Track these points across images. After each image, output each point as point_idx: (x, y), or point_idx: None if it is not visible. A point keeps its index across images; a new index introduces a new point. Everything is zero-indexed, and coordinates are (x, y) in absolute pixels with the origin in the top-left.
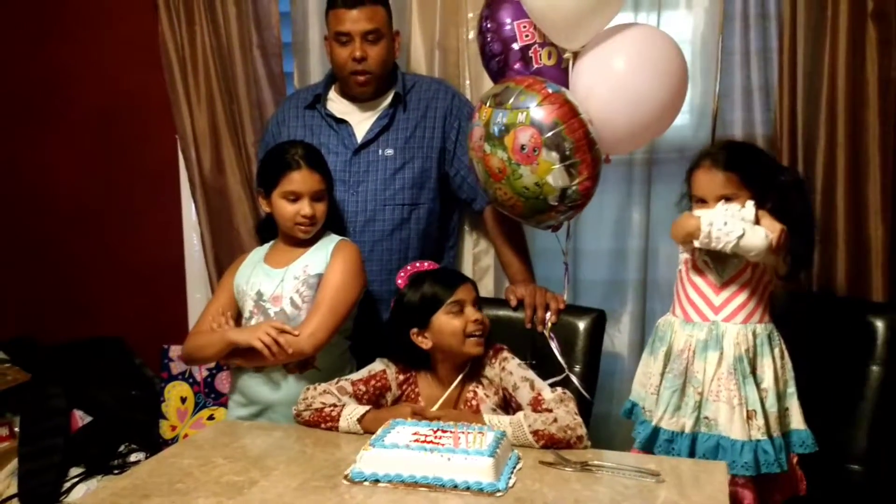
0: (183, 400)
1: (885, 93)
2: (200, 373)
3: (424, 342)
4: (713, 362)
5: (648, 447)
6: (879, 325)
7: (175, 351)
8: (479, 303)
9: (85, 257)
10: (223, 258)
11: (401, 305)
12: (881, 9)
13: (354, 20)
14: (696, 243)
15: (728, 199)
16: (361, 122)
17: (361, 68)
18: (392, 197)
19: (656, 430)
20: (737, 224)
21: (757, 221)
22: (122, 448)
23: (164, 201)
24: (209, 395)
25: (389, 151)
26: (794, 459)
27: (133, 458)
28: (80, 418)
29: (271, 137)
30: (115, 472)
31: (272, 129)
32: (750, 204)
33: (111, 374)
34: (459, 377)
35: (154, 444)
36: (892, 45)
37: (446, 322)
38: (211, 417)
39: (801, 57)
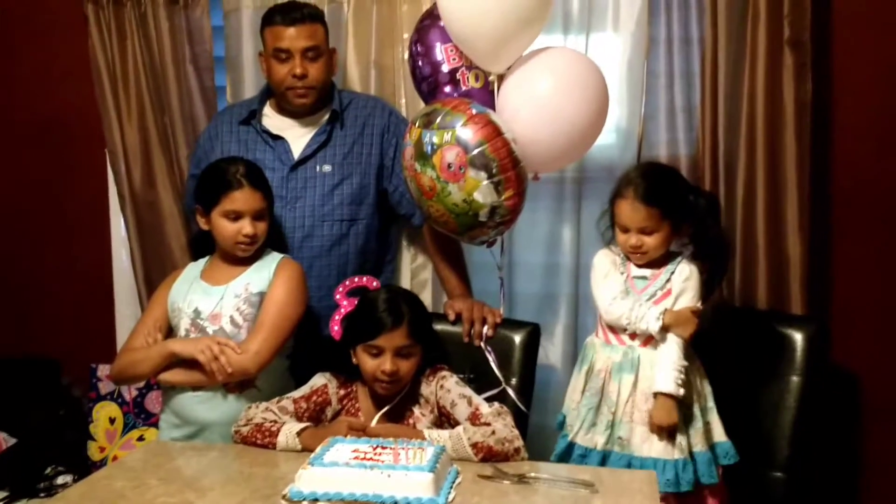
0: (112, 420)
1: (801, 115)
2: (130, 392)
3: (354, 359)
4: (628, 384)
5: (564, 461)
6: (798, 336)
7: (103, 370)
8: (415, 341)
9: (10, 273)
10: (154, 275)
11: (351, 314)
12: (797, 37)
13: (293, 37)
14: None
15: (648, 232)
16: (298, 138)
17: (301, 85)
18: (330, 213)
19: (571, 445)
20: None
21: (666, 328)
22: (48, 470)
23: (93, 217)
24: (139, 416)
25: (327, 168)
26: (719, 471)
27: (60, 480)
28: (5, 440)
29: (203, 153)
30: (42, 495)
31: (204, 144)
32: (657, 324)
33: (37, 394)
34: (398, 396)
35: (82, 466)
36: (807, 70)
37: (363, 358)
38: (141, 438)
39: (723, 80)
